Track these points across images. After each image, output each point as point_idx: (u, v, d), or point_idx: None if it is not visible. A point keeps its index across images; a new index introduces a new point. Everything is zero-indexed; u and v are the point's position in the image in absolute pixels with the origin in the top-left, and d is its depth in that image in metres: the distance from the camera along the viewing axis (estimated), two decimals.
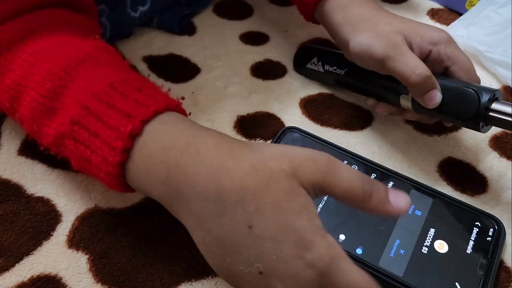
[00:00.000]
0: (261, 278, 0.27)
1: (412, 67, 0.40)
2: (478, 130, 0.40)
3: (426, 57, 0.42)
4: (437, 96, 0.40)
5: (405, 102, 0.43)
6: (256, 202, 0.27)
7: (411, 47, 0.41)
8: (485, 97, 0.38)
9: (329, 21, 0.47)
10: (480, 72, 0.55)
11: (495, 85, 0.54)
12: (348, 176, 0.29)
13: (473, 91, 0.39)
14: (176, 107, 0.34)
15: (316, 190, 0.29)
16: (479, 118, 0.39)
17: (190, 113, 0.37)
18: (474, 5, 0.59)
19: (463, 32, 0.57)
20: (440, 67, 0.42)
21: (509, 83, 0.53)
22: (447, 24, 0.61)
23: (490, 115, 0.39)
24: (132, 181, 0.32)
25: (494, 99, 0.39)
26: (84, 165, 0.33)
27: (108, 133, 0.31)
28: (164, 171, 0.30)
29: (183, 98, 0.48)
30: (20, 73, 0.35)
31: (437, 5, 0.65)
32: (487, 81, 0.54)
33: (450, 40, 0.42)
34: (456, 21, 0.59)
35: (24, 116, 0.36)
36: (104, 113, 0.31)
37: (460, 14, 0.61)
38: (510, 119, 0.38)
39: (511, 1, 0.55)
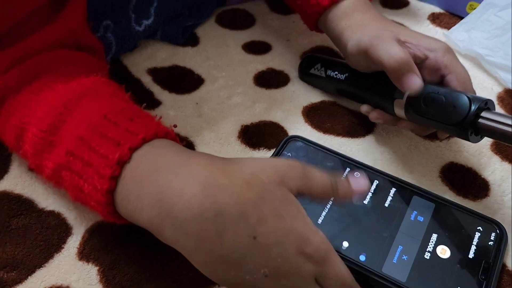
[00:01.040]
0: (267, 280, 0.29)
1: (390, 51, 0.40)
2: (467, 138, 0.40)
3: (422, 63, 0.43)
4: (416, 81, 0.40)
5: (399, 110, 0.44)
6: (257, 213, 0.29)
7: (405, 47, 0.42)
8: (476, 104, 0.38)
9: (333, 29, 0.48)
10: (481, 76, 0.56)
11: (496, 88, 0.54)
12: (320, 178, 0.33)
13: (465, 97, 0.39)
14: (167, 134, 0.35)
15: (297, 194, 0.32)
16: (468, 124, 0.39)
17: (184, 142, 0.37)
18: (474, 8, 0.60)
19: (464, 36, 0.57)
20: (436, 75, 0.43)
21: (510, 86, 0.53)
22: (448, 28, 0.61)
23: (480, 123, 0.38)
24: (121, 207, 0.32)
25: (485, 108, 0.39)
26: (79, 195, 0.34)
27: (99, 161, 0.32)
28: (157, 193, 0.30)
29: (175, 126, 0.48)
30: (25, 112, 0.37)
31: (437, 9, 0.66)
32: (488, 84, 0.55)
33: (449, 50, 0.43)
34: (457, 25, 0.59)
35: (27, 152, 0.37)
36: (96, 143, 0.33)
37: (461, 18, 0.62)
38: (499, 126, 0.37)
39: None
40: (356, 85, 0.49)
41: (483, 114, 0.38)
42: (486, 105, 0.39)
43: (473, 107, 0.38)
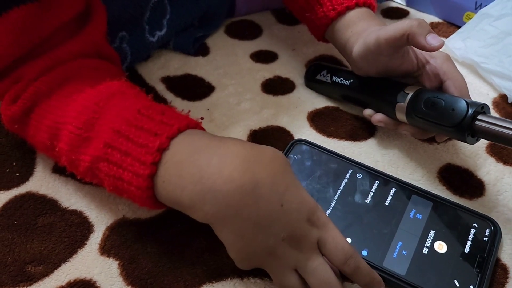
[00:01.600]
0: (283, 244, 0.34)
1: (399, 23, 0.42)
2: (464, 140, 0.42)
3: (421, 69, 0.45)
4: (438, 37, 0.40)
5: (400, 114, 0.46)
6: (284, 182, 0.35)
7: (407, 53, 0.44)
8: (473, 108, 0.41)
9: (340, 38, 0.51)
10: (477, 82, 0.58)
11: (491, 93, 0.57)
12: None
13: (463, 101, 0.41)
14: (197, 125, 0.38)
15: None
16: (465, 126, 0.41)
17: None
18: (471, 18, 0.62)
19: (461, 45, 0.60)
20: (435, 80, 0.45)
21: (505, 92, 0.55)
22: (446, 37, 0.64)
23: (476, 125, 0.41)
24: (162, 190, 0.35)
25: (481, 111, 0.41)
26: (116, 184, 0.37)
27: (138, 150, 0.35)
28: (198, 172, 0.34)
29: (202, 118, 0.52)
30: (59, 113, 0.40)
31: (436, 19, 0.68)
32: (484, 90, 0.57)
33: (448, 58, 0.45)
34: (454, 34, 0.62)
35: (62, 150, 0.40)
36: (134, 134, 0.36)
37: (458, 27, 0.64)
38: (494, 128, 0.40)
39: (506, 14, 0.58)
40: (360, 90, 0.51)
41: (480, 117, 0.41)
42: (483, 109, 0.41)
43: (470, 111, 0.41)
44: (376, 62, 0.46)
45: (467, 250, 0.40)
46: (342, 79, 0.53)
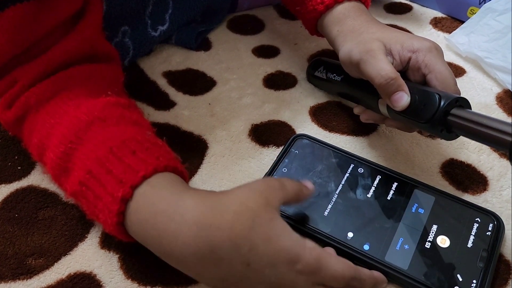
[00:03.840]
0: None
1: (379, 69, 0.41)
2: (439, 136, 0.40)
3: (406, 65, 0.43)
4: (403, 99, 0.41)
5: (383, 108, 0.45)
6: (248, 243, 0.32)
7: (391, 54, 0.43)
8: (445, 102, 0.39)
9: (328, 35, 0.50)
10: (481, 77, 0.58)
11: (495, 89, 0.56)
12: (291, 185, 0.37)
13: (436, 95, 0.39)
14: (166, 168, 0.36)
15: (282, 204, 0.36)
16: (436, 121, 0.39)
17: (186, 166, 0.40)
18: (475, 13, 0.62)
19: (464, 40, 0.59)
20: (418, 74, 0.43)
21: (509, 87, 0.55)
22: (449, 32, 0.64)
23: (449, 119, 0.39)
24: (134, 236, 0.36)
25: (456, 105, 0.39)
26: (95, 219, 0.38)
27: (107, 198, 0.35)
28: (157, 236, 0.34)
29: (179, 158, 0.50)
30: (43, 133, 0.40)
31: (439, 14, 0.68)
32: (487, 85, 0.57)
33: (431, 49, 0.42)
34: (458, 29, 0.61)
35: (49, 172, 0.40)
36: (104, 178, 0.35)
37: (462, 22, 0.64)
38: (468, 124, 0.37)
39: (510, 9, 0.58)
40: (349, 86, 0.50)
41: (453, 111, 0.39)
42: (457, 102, 0.39)
43: (441, 105, 0.39)
44: (358, 71, 0.45)
45: (470, 244, 0.40)
46: (335, 75, 0.52)
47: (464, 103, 0.40)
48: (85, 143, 0.38)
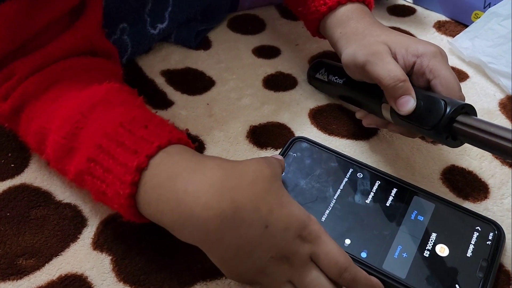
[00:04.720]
0: (272, 263, 0.34)
1: (388, 70, 0.41)
2: (444, 143, 0.39)
3: (411, 70, 0.43)
4: (409, 103, 0.40)
5: (386, 113, 0.44)
6: (267, 205, 0.33)
7: (395, 58, 0.42)
8: (451, 108, 0.38)
9: (330, 36, 0.50)
10: (484, 83, 0.57)
11: (498, 95, 0.56)
12: (278, 161, 0.40)
13: (442, 101, 0.39)
14: (179, 140, 0.37)
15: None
16: (441, 128, 0.38)
17: (196, 144, 0.40)
18: (479, 17, 0.61)
19: (468, 44, 0.59)
20: (423, 79, 0.42)
21: None
22: (453, 36, 0.63)
23: (455, 127, 0.38)
24: (144, 210, 0.35)
25: (462, 112, 0.38)
26: (101, 197, 0.37)
27: (119, 169, 0.34)
28: (175, 199, 0.33)
29: (187, 130, 0.50)
30: (45, 118, 0.39)
31: (443, 18, 0.67)
32: (490, 91, 0.56)
33: (436, 54, 0.42)
34: (461, 33, 0.60)
35: (49, 156, 0.39)
36: (115, 151, 0.35)
37: (466, 26, 0.63)
38: (474, 132, 0.37)
39: None
40: (352, 89, 0.49)
41: (459, 118, 0.38)
42: (463, 109, 0.38)
43: (447, 111, 0.38)
44: (366, 77, 0.44)
45: (469, 254, 0.39)
46: (336, 77, 0.52)
47: (470, 110, 0.39)
48: (91, 122, 0.37)
